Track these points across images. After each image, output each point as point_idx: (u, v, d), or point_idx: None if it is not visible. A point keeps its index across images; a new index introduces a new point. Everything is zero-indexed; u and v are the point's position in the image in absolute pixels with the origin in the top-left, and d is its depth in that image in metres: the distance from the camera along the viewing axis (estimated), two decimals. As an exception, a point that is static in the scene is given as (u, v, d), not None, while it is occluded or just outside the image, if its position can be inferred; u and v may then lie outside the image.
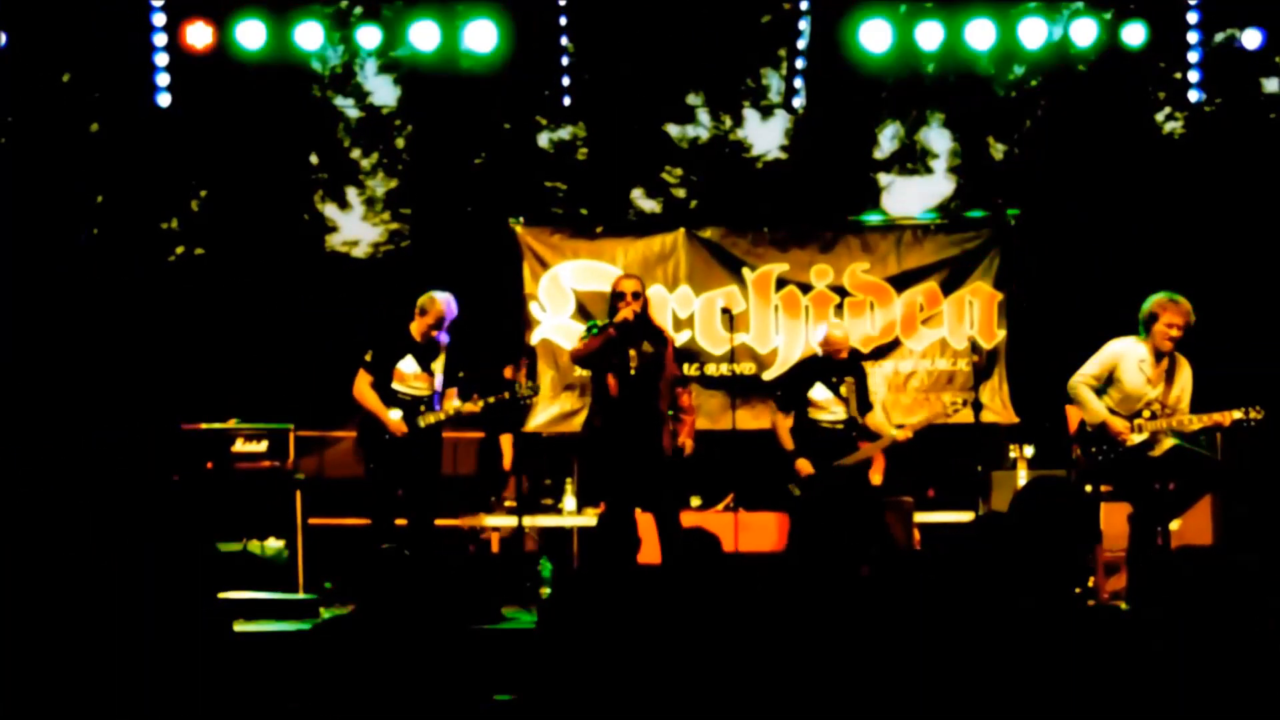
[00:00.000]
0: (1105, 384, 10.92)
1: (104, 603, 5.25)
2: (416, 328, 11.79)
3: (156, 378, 15.21)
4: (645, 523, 11.35)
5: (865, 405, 12.37)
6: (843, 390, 12.18)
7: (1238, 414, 10.77)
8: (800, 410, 12.19)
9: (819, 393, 12.19)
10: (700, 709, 5.08)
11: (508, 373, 13.85)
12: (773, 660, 5.10)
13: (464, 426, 13.35)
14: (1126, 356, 10.91)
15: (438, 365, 11.78)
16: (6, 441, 13.64)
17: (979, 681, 4.94)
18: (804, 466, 12.01)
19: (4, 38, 13.21)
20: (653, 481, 11.23)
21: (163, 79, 13.43)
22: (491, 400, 11.81)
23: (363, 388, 11.69)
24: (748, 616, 5.25)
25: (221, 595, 6.00)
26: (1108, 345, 11.02)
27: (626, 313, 11.15)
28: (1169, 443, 10.87)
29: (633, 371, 11.17)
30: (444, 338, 11.83)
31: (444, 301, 11.80)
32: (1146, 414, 10.79)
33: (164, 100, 13.53)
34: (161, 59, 13.41)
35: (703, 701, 5.08)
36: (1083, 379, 10.97)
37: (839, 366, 12.30)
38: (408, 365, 11.74)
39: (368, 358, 11.72)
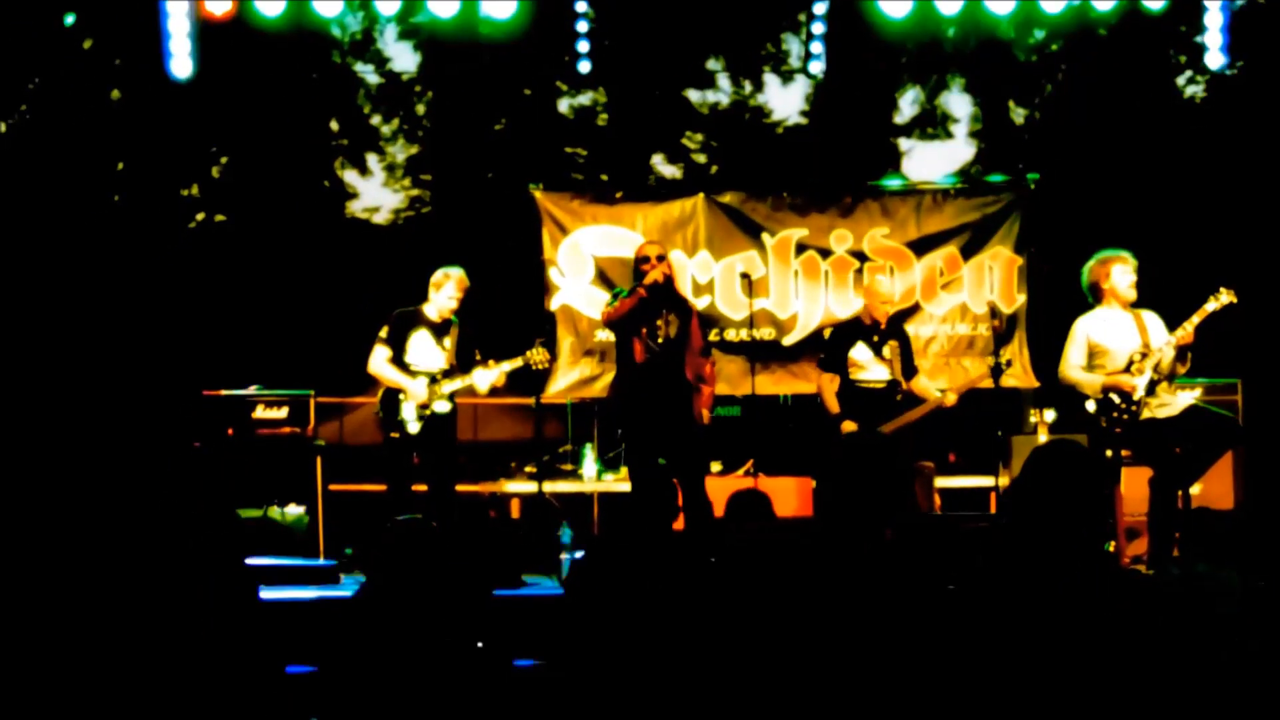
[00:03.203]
0: (1091, 361, 10.90)
1: (127, 571, 5.27)
2: (433, 305, 11.77)
3: (178, 344, 15.25)
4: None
5: (910, 370, 12.31)
6: (885, 352, 12.14)
7: (1209, 305, 10.71)
8: (843, 371, 12.15)
9: (860, 353, 12.14)
10: (723, 676, 5.10)
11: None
12: (796, 627, 5.11)
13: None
14: (1096, 325, 10.91)
15: (449, 342, 11.77)
16: (29, 409, 13.69)
17: (1003, 645, 4.95)
18: (850, 428, 11.93)
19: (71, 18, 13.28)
20: (681, 448, 11.25)
21: (183, 46, 13.43)
22: (509, 370, 11.81)
23: (378, 362, 11.69)
24: (773, 582, 5.27)
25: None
26: (1074, 327, 10.99)
27: (656, 274, 11.15)
28: (1187, 403, 10.86)
29: (661, 339, 11.18)
30: (455, 318, 11.82)
31: (460, 274, 11.77)
32: (1136, 356, 10.76)
33: (185, 68, 13.53)
34: (182, 26, 13.40)
35: (725, 669, 5.09)
36: (1069, 366, 10.96)
37: (882, 329, 12.25)
38: (421, 340, 11.74)
39: (382, 333, 11.72)
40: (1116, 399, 10.73)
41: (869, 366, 12.10)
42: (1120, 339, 10.81)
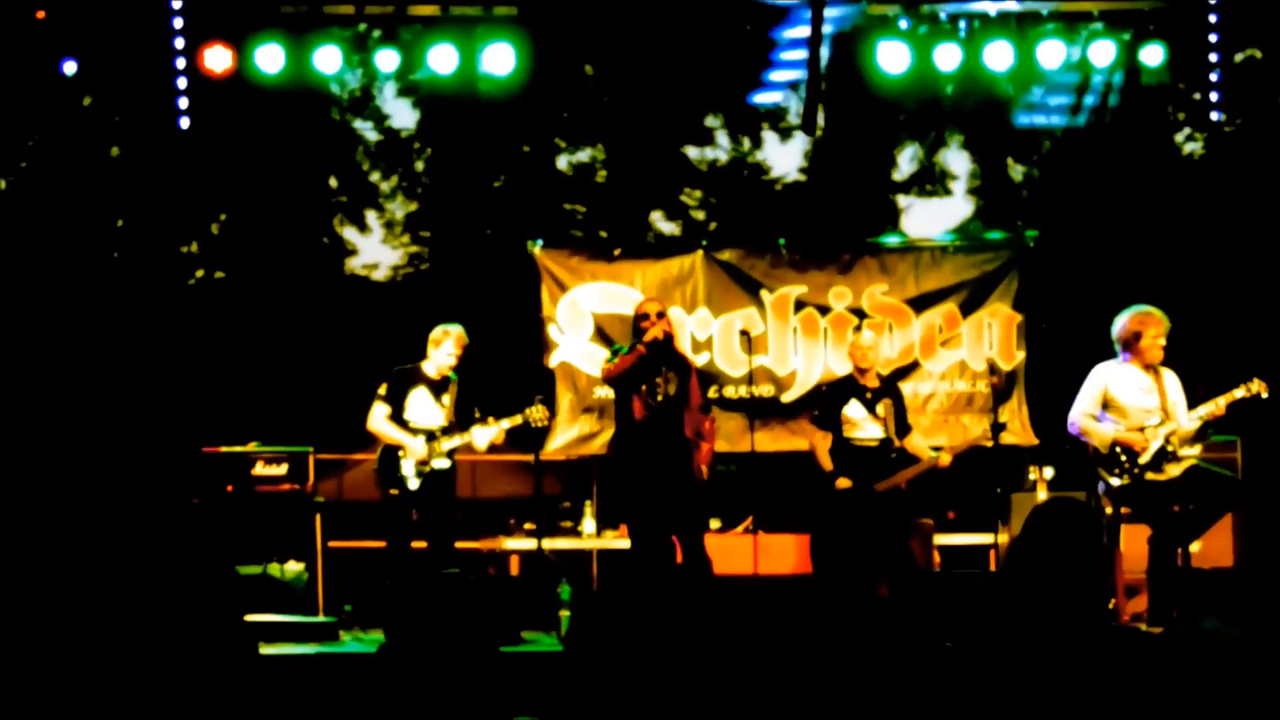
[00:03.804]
0: (1103, 411, 10.88)
1: (126, 625, 5.26)
2: (432, 363, 11.81)
3: (177, 401, 15.24)
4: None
5: (904, 428, 12.32)
6: (879, 410, 12.14)
7: (1239, 392, 10.73)
8: (836, 429, 12.17)
9: (854, 410, 12.15)
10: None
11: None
12: (794, 680, 5.10)
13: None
14: (1115, 378, 10.90)
15: (448, 399, 11.79)
16: (28, 464, 13.68)
17: (1001, 703, 4.94)
18: (844, 484, 11.95)
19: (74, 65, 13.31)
20: (680, 505, 11.24)
21: (183, 102, 13.46)
22: (508, 427, 11.83)
23: (378, 419, 11.72)
24: (770, 637, 5.26)
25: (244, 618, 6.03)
26: (1092, 374, 11.00)
27: (656, 331, 11.17)
28: (1187, 462, 10.84)
29: (660, 396, 11.18)
30: (453, 374, 11.84)
31: (459, 331, 11.80)
32: (1152, 421, 10.75)
33: (184, 123, 13.56)
34: (182, 82, 13.44)
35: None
36: (1080, 413, 10.95)
37: (875, 388, 12.27)
38: (420, 397, 11.77)
39: (381, 391, 11.76)
40: (1122, 455, 10.73)
41: (862, 424, 12.13)
42: (1138, 397, 10.81)
